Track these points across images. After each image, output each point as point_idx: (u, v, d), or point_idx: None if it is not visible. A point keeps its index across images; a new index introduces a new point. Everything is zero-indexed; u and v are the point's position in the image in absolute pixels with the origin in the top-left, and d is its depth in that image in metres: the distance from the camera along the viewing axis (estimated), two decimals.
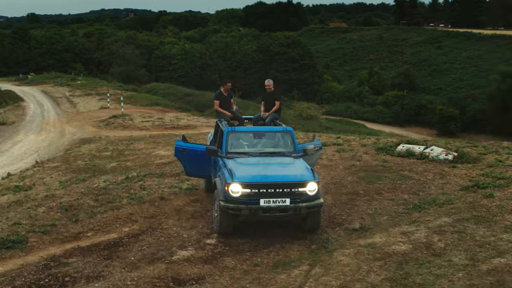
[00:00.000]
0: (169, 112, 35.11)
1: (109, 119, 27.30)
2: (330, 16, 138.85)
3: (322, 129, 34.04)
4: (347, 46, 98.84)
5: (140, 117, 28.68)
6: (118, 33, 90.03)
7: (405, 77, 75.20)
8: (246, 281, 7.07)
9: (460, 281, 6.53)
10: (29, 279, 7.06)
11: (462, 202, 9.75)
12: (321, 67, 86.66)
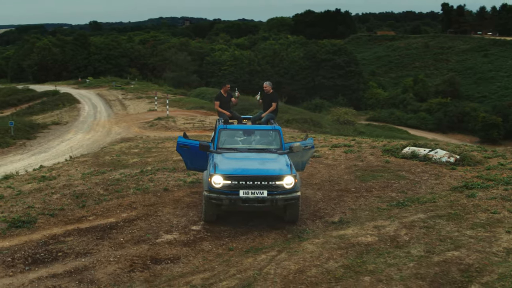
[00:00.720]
0: (212, 115, 35.99)
1: (154, 121, 28.40)
2: (379, 25, 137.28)
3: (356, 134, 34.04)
4: (393, 53, 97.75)
5: (183, 119, 29.67)
6: (172, 40, 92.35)
7: (449, 85, 73.73)
8: (216, 262, 7.60)
9: (408, 270, 6.82)
10: (28, 252, 7.86)
11: (444, 201, 9.93)
12: (367, 74, 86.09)
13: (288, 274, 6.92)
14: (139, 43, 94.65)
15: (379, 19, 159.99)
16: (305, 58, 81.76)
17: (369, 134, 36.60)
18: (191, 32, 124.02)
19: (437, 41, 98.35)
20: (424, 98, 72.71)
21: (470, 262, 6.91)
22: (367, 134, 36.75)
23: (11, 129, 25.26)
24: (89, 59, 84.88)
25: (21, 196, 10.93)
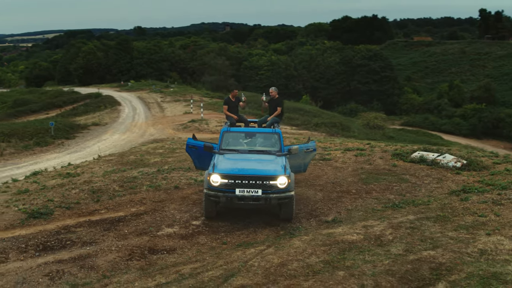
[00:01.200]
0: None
1: (188, 123, 29.09)
2: (417, 30, 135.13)
3: (384, 139, 33.91)
4: (429, 59, 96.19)
5: (216, 121, 30.26)
6: (211, 45, 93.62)
7: (485, 91, 72.15)
8: (208, 255, 8.08)
9: (382, 267, 7.11)
10: (40, 240, 8.53)
11: (437, 203, 10.10)
12: (403, 79, 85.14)
13: (271, 266, 7.32)
14: (179, 48, 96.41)
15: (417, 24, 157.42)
16: (341, 63, 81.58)
17: (397, 139, 36.40)
18: (230, 37, 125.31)
19: (473, 47, 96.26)
20: (459, 103, 71.38)
21: (442, 261, 7.15)
22: (396, 139, 36.52)
23: (51, 129, 26.31)
24: (132, 63, 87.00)
25: (44, 190, 11.69)
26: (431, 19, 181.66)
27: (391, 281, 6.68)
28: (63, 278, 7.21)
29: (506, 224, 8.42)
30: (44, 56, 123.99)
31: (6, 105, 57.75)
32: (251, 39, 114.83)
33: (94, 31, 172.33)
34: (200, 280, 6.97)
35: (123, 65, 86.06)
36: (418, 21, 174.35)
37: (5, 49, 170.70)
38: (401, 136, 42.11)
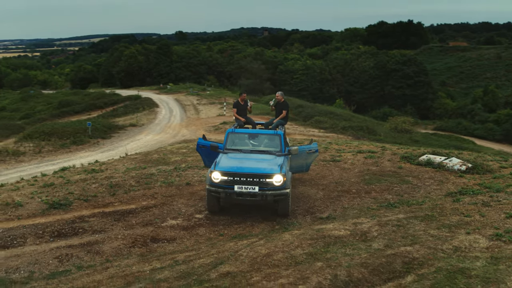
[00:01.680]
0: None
1: (220, 125, 29.77)
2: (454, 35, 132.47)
3: (410, 142, 33.79)
4: (464, 64, 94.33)
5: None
6: (248, 50, 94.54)
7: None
8: (204, 245, 8.65)
9: (358, 260, 7.49)
10: (56, 228, 9.30)
11: (430, 204, 10.36)
12: (437, 84, 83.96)
13: (257, 256, 7.82)
14: (217, 52, 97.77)
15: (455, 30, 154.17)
16: (375, 68, 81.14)
17: (424, 143, 36.17)
18: (268, 42, 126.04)
19: (509, 52, 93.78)
20: (493, 109, 69.88)
21: (416, 256, 7.49)
22: (422, 142, 36.31)
23: (89, 129, 27.42)
24: (171, 67, 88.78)
25: (67, 184, 12.52)
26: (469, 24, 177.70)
27: (363, 272, 7.09)
28: (70, 261, 7.92)
29: (488, 224, 8.66)
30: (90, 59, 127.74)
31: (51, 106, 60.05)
32: (288, 43, 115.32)
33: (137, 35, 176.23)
34: (191, 266, 7.54)
35: (163, 68, 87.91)
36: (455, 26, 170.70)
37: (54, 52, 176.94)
38: (428, 140, 41.72)
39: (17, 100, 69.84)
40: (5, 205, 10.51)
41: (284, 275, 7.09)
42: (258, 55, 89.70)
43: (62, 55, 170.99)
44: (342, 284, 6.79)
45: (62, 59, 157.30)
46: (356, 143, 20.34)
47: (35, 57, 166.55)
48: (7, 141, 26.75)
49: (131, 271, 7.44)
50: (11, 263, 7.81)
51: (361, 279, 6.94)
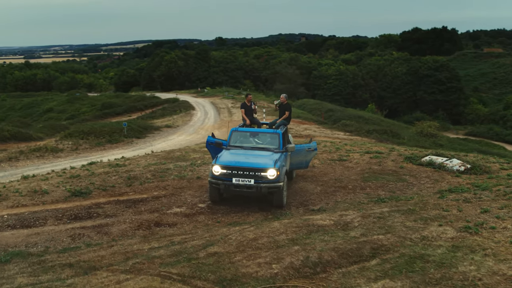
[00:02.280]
0: (304, 124, 37.56)
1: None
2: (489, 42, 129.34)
3: (433, 146, 33.73)
4: (498, 70, 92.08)
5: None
6: (283, 55, 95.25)
7: None
8: (201, 230, 9.43)
9: (332, 245, 8.09)
10: (74, 212, 10.28)
11: (416, 200, 10.84)
12: (470, 90, 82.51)
13: (244, 240, 8.55)
14: (254, 57, 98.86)
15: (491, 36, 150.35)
16: (408, 73, 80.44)
17: (448, 147, 36.00)
18: (304, 48, 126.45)
19: None
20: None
21: (385, 243, 8.07)
22: (446, 146, 36.13)
23: (124, 129, 28.66)
24: (209, 71, 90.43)
25: (91, 176, 13.56)
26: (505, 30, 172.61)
27: (333, 255, 7.72)
28: (81, 239, 8.86)
29: (462, 218, 9.11)
30: (133, 64, 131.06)
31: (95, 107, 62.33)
32: (323, 49, 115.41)
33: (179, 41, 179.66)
34: (184, 246, 8.34)
35: (201, 73, 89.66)
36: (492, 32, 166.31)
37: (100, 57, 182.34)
38: (453, 144, 41.36)
39: (64, 102, 72.57)
40: (33, 192, 11.61)
41: (263, 256, 7.80)
42: (293, 60, 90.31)
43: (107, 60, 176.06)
44: (311, 265, 7.45)
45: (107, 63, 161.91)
46: (370, 145, 20.76)
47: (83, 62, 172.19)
48: (51, 139, 28.29)
49: (132, 249, 8.30)
50: (31, 240, 8.81)
51: (330, 261, 7.58)
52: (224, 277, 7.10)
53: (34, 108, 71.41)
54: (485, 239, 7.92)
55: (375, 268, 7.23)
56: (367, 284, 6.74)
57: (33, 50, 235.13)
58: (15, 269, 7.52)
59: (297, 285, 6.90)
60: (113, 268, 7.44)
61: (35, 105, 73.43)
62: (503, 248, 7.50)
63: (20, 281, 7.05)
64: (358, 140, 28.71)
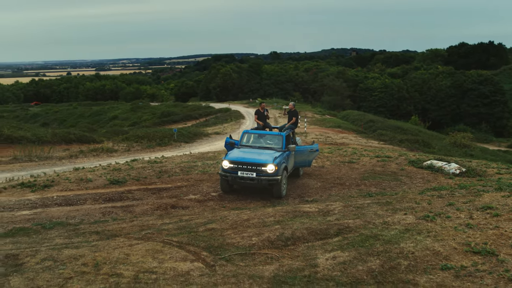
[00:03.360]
0: (343, 133, 38.36)
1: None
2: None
3: (462, 155, 33.68)
4: None
5: (314, 134, 32.49)
6: (331, 69, 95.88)
7: None
8: (207, 212, 10.90)
9: (307, 225, 9.25)
10: (109, 196, 12.02)
11: (399, 195, 11.85)
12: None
13: (238, 220, 9.93)
14: (304, 70, 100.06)
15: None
16: (452, 87, 79.14)
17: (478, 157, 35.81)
18: (353, 62, 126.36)
19: None
20: None
21: (351, 226, 9.21)
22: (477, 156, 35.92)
23: (175, 135, 30.68)
24: (261, 83, 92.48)
25: (130, 169, 15.36)
26: None
27: (304, 233, 8.96)
28: (110, 215, 10.54)
29: (427, 209, 10.05)
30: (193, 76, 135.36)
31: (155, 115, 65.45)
32: (372, 63, 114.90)
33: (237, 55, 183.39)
34: (189, 223, 9.83)
35: (253, 84, 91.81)
36: None
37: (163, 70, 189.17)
38: (485, 155, 40.75)
39: (128, 111, 76.41)
40: (80, 180, 13.50)
41: (248, 232, 9.15)
42: (340, 73, 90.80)
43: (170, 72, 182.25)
44: (284, 239, 8.73)
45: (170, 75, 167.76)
46: (385, 150, 21.56)
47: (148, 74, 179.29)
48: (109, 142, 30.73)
49: (147, 224, 9.88)
50: (71, 214, 10.58)
51: (300, 237, 8.83)
52: (212, 244, 8.51)
53: (101, 115, 75.67)
54: (435, 225, 8.91)
55: (334, 244, 8.41)
56: (322, 254, 7.96)
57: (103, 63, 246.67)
58: (55, 233, 9.26)
59: (267, 253, 8.23)
60: (129, 236, 9.03)
61: (102, 113, 77.76)
62: (446, 231, 8.48)
63: (57, 241, 8.75)
64: (390, 148, 29.31)
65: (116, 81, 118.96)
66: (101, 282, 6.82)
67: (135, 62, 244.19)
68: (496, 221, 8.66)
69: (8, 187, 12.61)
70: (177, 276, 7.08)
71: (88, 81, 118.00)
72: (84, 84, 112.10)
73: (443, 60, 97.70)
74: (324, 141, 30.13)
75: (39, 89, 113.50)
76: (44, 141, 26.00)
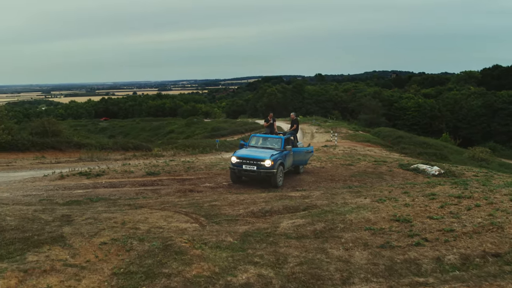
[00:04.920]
0: (370, 146, 39.41)
1: (321, 147, 33.50)
2: None
3: (476, 166, 34.09)
4: None
5: (343, 147, 33.87)
6: (368, 89, 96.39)
7: None
8: (216, 195, 12.97)
9: (286, 204, 11.20)
10: (143, 182, 14.40)
11: (373, 187, 13.51)
12: None
13: (236, 200, 11.96)
14: (343, 91, 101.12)
15: None
16: (483, 106, 77.94)
17: (494, 168, 36.02)
18: (392, 83, 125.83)
19: None
20: None
21: (318, 204, 11.02)
22: (492, 168, 36.14)
23: (217, 145, 33.14)
24: (303, 102, 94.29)
25: (165, 166, 17.73)
26: None
27: (280, 208, 10.88)
28: (141, 195, 12.88)
29: (385, 195, 11.66)
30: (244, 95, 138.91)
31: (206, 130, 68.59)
32: (408, 85, 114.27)
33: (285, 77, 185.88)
34: (198, 201, 11.97)
35: (296, 103, 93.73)
36: None
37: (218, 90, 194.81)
38: (502, 168, 40.67)
39: (183, 126, 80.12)
40: (124, 172, 16.02)
41: (239, 207, 11.17)
42: (377, 94, 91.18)
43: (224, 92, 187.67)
44: (264, 212, 10.70)
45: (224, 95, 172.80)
46: (388, 157, 22.92)
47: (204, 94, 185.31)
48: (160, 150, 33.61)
49: (167, 200, 12.13)
50: (113, 193, 13.01)
51: (276, 211, 10.78)
52: (210, 213, 10.61)
53: (160, 129, 79.86)
54: (382, 204, 10.61)
55: (299, 215, 10.29)
56: (286, 220, 9.85)
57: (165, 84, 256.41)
58: (99, 204, 11.66)
59: (248, 219, 10.25)
60: (151, 207, 11.28)
61: (161, 127, 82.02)
62: (385, 208, 10.16)
63: (99, 209, 11.12)
64: (400, 157, 30.26)
65: (175, 100, 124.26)
66: (124, 232, 9.03)
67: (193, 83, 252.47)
68: (429, 203, 10.28)
69: (70, 175, 15.30)
70: (177, 230, 9.20)
71: (151, 99, 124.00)
72: (147, 102, 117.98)
73: (477, 81, 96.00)
74: (349, 153, 31.41)
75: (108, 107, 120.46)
76: (106, 148, 29.16)
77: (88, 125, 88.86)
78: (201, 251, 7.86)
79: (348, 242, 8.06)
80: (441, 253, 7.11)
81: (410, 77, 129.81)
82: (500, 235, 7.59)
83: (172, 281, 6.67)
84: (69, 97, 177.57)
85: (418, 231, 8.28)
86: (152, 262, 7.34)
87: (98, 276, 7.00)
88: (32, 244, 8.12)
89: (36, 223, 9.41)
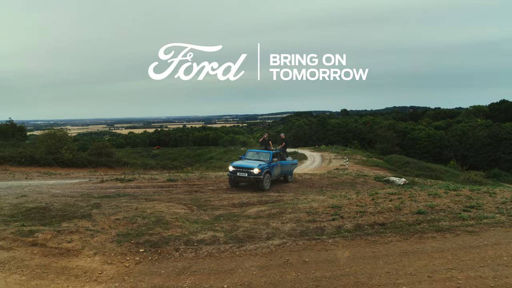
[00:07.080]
0: (377, 170, 40.22)
1: (333, 170, 34.77)
2: None
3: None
4: None
5: (352, 170, 35.18)
6: (383, 122, 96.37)
7: None
8: (214, 195, 14.84)
9: (261, 199, 12.95)
10: (161, 185, 16.42)
11: (338, 190, 14.95)
12: None
13: (226, 197, 13.71)
14: (362, 124, 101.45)
15: None
16: (488, 137, 76.51)
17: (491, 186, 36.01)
18: (408, 117, 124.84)
19: None
20: None
21: (284, 199, 12.67)
22: None
23: None
24: (326, 133, 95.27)
25: (183, 175, 19.75)
26: None
27: (255, 201, 12.60)
28: (157, 193, 14.90)
29: (340, 195, 13.18)
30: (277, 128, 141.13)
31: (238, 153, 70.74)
32: (422, 118, 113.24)
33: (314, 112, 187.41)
34: (198, 197, 13.86)
35: (320, 135, 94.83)
36: None
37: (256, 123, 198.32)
38: (496, 187, 40.22)
39: (222, 153, 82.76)
40: (150, 178, 18.17)
41: (226, 200, 13.00)
42: (391, 125, 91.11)
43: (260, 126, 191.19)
44: (241, 203, 12.46)
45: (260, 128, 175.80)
46: (367, 170, 24.04)
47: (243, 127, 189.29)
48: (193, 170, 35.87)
49: (175, 197, 14.07)
50: (136, 192, 15.11)
51: (251, 203, 12.50)
52: (202, 204, 12.46)
53: (202, 156, 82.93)
54: (331, 199, 12.09)
55: (266, 206, 11.97)
56: (254, 208, 11.57)
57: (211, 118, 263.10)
58: (123, 198, 13.73)
59: (227, 208, 12.01)
60: (161, 201, 13.24)
61: (203, 154, 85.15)
62: (330, 200, 11.67)
63: (122, 200, 13.17)
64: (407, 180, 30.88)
65: (217, 132, 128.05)
66: (134, 213, 10.99)
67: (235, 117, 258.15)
68: (367, 198, 11.72)
69: (109, 180, 17.60)
70: (173, 213, 11.08)
71: (196, 131, 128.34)
72: (193, 133, 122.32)
73: (485, 115, 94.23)
74: (357, 176, 32.45)
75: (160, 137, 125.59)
76: (150, 167, 31.68)
77: (142, 152, 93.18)
78: (181, 223, 9.71)
79: (287, 219, 9.69)
80: (343, 223, 8.64)
81: (424, 112, 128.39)
82: (395, 213, 9.04)
83: (152, 237, 8.54)
84: (128, 129, 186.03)
85: (341, 213, 9.81)
86: (144, 229, 9.25)
87: (106, 236, 8.95)
88: (68, 218, 10.20)
89: (74, 207, 11.53)
